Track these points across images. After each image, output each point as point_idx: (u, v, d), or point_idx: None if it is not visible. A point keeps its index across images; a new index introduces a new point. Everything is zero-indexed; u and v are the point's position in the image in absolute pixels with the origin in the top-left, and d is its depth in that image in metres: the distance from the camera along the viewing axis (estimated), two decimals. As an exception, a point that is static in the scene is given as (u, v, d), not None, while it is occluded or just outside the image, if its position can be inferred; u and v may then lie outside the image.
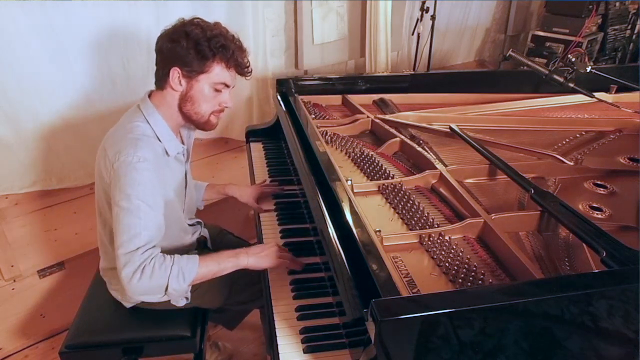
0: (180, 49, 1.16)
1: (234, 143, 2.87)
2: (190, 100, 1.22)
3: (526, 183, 1.24)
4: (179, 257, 1.14)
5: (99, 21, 2.12)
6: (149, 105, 1.23)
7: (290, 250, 1.34)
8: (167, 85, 1.22)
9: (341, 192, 1.17)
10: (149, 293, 1.11)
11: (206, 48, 1.16)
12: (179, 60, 1.17)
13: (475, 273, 1.00)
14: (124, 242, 1.09)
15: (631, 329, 0.83)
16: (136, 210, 1.10)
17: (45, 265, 1.94)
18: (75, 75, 2.16)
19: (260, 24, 2.61)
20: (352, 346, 1.01)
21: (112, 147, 1.15)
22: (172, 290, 1.11)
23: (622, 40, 4.26)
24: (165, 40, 1.18)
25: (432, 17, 3.14)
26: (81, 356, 1.36)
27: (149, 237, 1.11)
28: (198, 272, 1.15)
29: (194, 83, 1.20)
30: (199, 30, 1.17)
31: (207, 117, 1.26)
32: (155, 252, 1.11)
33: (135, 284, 1.07)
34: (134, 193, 1.10)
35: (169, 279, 1.10)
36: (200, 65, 1.18)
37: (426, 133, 1.68)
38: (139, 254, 1.08)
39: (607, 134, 1.71)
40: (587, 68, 1.54)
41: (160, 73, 1.22)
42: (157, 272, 1.08)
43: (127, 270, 1.07)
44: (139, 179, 1.11)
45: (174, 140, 1.26)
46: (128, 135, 1.17)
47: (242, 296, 1.48)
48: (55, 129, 2.19)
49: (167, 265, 1.10)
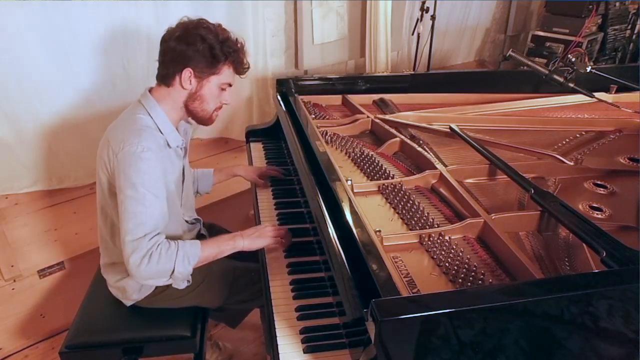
0: (195, 52, 1.22)
1: (234, 143, 2.88)
2: (200, 99, 1.29)
3: (526, 183, 1.24)
4: (183, 243, 1.20)
5: (99, 21, 2.12)
6: (151, 99, 1.27)
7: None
8: (176, 83, 1.26)
9: (341, 192, 1.17)
10: (155, 277, 1.18)
11: (219, 52, 1.24)
12: (193, 61, 1.23)
13: (475, 273, 1.00)
14: (131, 229, 1.13)
15: (631, 329, 0.83)
16: (142, 198, 1.15)
17: (45, 265, 1.94)
18: (75, 75, 2.16)
19: (260, 24, 2.61)
20: (352, 346, 1.01)
21: (115, 138, 1.19)
22: (177, 274, 1.18)
23: (622, 40, 4.27)
24: (179, 42, 1.22)
25: (432, 17, 3.15)
26: (81, 356, 1.36)
27: (154, 225, 1.16)
28: (200, 255, 1.22)
29: (204, 83, 1.27)
30: (212, 34, 1.23)
31: (211, 114, 1.34)
32: (161, 238, 1.17)
33: (144, 269, 1.12)
34: (140, 181, 1.15)
35: (175, 263, 1.16)
36: (212, 67, 1.25)
37: (426, 133, 1.68)
38: (146, 241, 1.13)
39: (607, 134, 1.71)
40: (587, 68, 1.54)
41: (168, 71, 1.26)
42: (164, 258, 1.14)
43: (136, 257, 1.12)
44: (144, 168, 1.16)
45: (175, 132, 1.31)
46: (131, 126, 1.21)
47: (242, 295, 1.48)
48: (55, 129, 2.19)
49: (172, 250, 1.16)
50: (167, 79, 1.27)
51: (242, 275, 1.49)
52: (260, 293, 1.36)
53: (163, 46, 1.26)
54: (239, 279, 1.47)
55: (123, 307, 1.41)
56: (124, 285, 1.36)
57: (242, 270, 1.50)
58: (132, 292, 1.37)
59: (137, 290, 1.37)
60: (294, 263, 1.30)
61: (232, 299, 1.47)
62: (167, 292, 1.39)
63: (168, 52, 1.24)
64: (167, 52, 1.25)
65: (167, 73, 1.26)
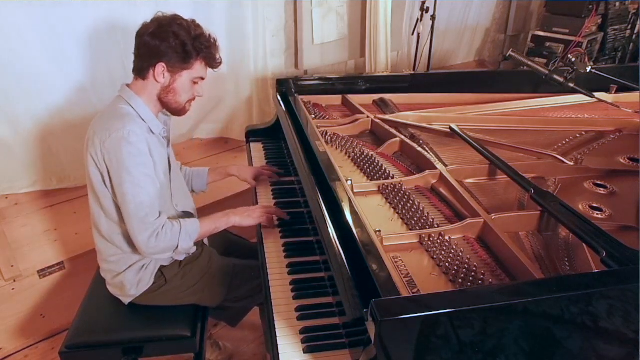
0: (168, 48, 1.27)
1: (234, 143, 2.88)
2: (173, 92, 1.34)
3: (526, 183, 1.24)
4: (184, 221, 1.32)
5: (99, 21, 2.12)
6: (129, 91, 1.33)
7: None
8: (150, 77, 1.31)
9: (341, 192, 1.17)
10: (161, 252, 1.31)
11: (191, 48, 1.29)
12: (165, 57, 1.28)
13: (475, 273, 1.00)
14: (133, 211, 1.23)
15: (631, 329, 0.83)
16: (137, 180, 1.23)
17: (45, 265, 1.94)
18: (75, 76, 2.16)
19: (260, 24, 2.61)
20: (352, 346, 1.01)
21: (100, 128, 1.25)
22: (180, 249, 1.31)
23: (622, 40, 4.26)
24: (152, 37, 1.27)
25: (432, 17, 3.14)
26: (81, 356, 1.36)
27: (152, 203, 1.25)
28: (199, 232, 1.34)
29: (177, 77, 1.32)
30: (185, 31, 1.28)
31: (184, 105, 1.39)
32: (164, 219, 1.28)
33: (152, 247, 1.25)
34: (132, 164, 1.22)
35: (178, 240, 1.29)
36: (184, 63, 1.30)
37: (426, 133, 1.68)
38: (150, 221, 1.24)
39: (607, 134, 1.71)
40: (587, 68, 1.54)
41: (143, 64, 1.31)
42: (169, 236, 1.27)
43: (143, 237, 1.24)
44: (133, 151, 1.22)
45: (155, 120, 1.36)
46: (114, 115, 1.28)
47: (241, 292, 1.49)
48: (55, 129, 2.19)
49: (176, 229, 1.29)
50: (142, 72, 1.32)
51: (242, 272, 1.50)
52: (260, 290, 1.38)
53: (138, 41, 1.30)
54: (238, 276, 1.49)
55: (123, 307, 1.42)
56: (122, 280, 1.38)
57: (242, 267, 1.52)
58: (130, 287, 1.38)
59: (135, 285, 1.38)
60: (294, 263, 1.30)
61: (231, 295, 1.48)
62: (166, 288, 1.41)
63: (142, 46, 1.29)
64: (142, 47, 1.30)
65: (142, 66, 1.31)
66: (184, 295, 1.43)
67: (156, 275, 1.40)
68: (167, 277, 1.41)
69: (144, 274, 1.38)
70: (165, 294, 1.41)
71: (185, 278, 1.43)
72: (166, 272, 1.41)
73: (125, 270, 1.37)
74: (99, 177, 1.27)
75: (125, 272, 1.37)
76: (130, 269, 1.37)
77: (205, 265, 1.47)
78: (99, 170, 1.26)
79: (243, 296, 1.51)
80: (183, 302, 1.44)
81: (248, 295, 1.51)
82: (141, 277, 1.38)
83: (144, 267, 1.38)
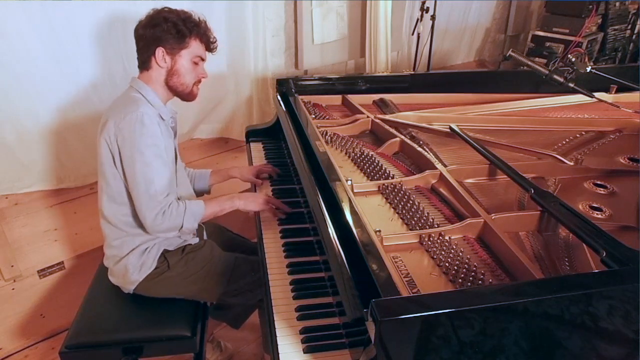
0: (162, 31, 1.35)
1: (234, 143, 2.88)
2: (177, 74, 1.40)
3: (526, 183, 1.24)
4: (190, 202, 1.37)
5: (99, 21, 2.12)
6: (139, 81, 1.40)
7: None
8: (153, 64, 1.39)
9: (341, 192, 1.17)
10: (166, 231, 1.35)
11: (183, 27, 1.36)
12: (162, 41, 1.36)
13: (475, 273, 1.00)
14: (142, 188, 1.28)
15: (631, 329, 0.83)
16: (148, 159, 1.28)
17: (45, 265, 1.94)
18: (75, 75, 2.16)
19: (260, 24, 2.61)
20: (352, 346, 1.01)
21: (114, 113, 1.31)
22: (185, 229, 1.36)
23: (622, 40, 4.26)
24: (146, 27, 1.36)
25: (432, 17, 3.14)
26: (81, 356, 1.36)
27: (162, 183, 1.30)
28: (204, 213, 1.39)
29: (177, 58, 1.39)
30: (173, 14, 1.36)
31: (191, 88, 1.44)
32: (171, 198, 1.33)
33: (158, 225, 1.30)
34: (144, 144, 1.28)
35: (183, 220, 1.33)
36: (180, 42, 1.37)
37: (426, 133, 1.68)
38: (158, 200, 1.29)
39: (607, 134, 1.71)
40: (587, 68, 1.54)
41: (144, 56, 1.39)
42: (174, 215, 1.32)
43: (151, 215, 1.29)
44: (146, 132, 1.28)
45: (165, 107, 1.42)
46: (127, 101, 1.35)
47: (241, 284, 1.50)
48: (55, 129, 2.19)
49: (181, 209, 1.33)
50: (146, 64, 1.40)
51: (243, 264, 1.53)
52: (260, 284, 1.39)
53: (135, 37, 1.39)
54: (240, 267, 1.51)
55: (123, 307, 1.42)
56: (125, 264, 1.40)
57: (242, 260, 1.54)
58: (133, 270, 1.40)
59: (137, 269, 1.40)
60: (294, 263, 1.30)
61: (231, 287, 1.49)
62: (168, 274, 1.43)
63: (140, 39, 1.38)
64: (139, 40, 1.38)
65: (145, 58, 1.39)
66: (185, 284, 1.44)
67: (159, 259, 1.43)
68: (170, 263, 1.44)
69: (147, 257, 1.41)
70: (167, 281, 1.43)
71: (187, 265, 1.46)
72: (169, 257, 1.44)
73: (128, 254, 1.40)
74: (110, 158, 1.32)
75: (128, 255, 1.40)
76: (133, 252, 1.40)
77: (207, 254, 1.50)
78: (111, 152, 1.31)
79: (243, 289, 1.52)
80: (184, 292, 1.45)
81: (247, 289, 1.52)
82: (144, 260, 1.41)
83: (147, 249, 1.41)
